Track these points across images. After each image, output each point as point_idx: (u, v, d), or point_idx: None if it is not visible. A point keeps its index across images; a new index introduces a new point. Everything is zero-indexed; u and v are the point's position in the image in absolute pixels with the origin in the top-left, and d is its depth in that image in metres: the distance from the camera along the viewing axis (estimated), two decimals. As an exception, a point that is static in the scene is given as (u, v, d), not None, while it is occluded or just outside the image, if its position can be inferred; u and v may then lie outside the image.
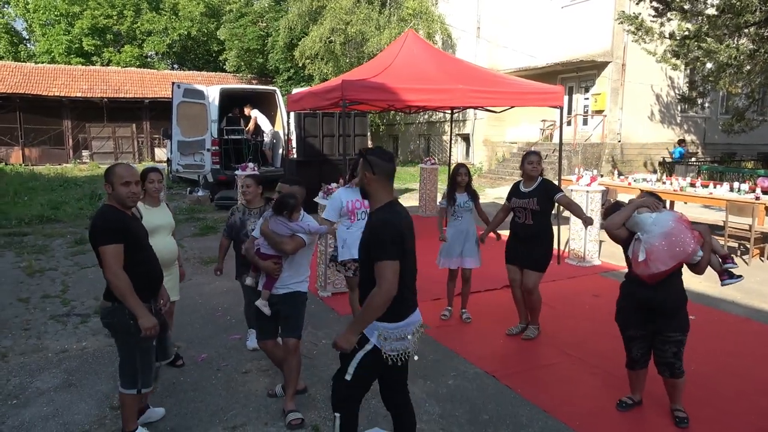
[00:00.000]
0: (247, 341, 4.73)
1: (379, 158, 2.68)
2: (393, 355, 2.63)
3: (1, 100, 23.50)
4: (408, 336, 2.67)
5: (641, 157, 17.86)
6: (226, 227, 4.49)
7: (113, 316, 3.01)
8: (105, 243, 2.89)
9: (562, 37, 18.11)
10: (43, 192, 14.40)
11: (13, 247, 8.51)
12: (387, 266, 2.51)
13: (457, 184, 5.27)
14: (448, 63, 8.48)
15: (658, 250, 3.28)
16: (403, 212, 2.71)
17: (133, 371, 3.09)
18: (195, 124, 12.83)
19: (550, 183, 4.88)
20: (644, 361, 3.63)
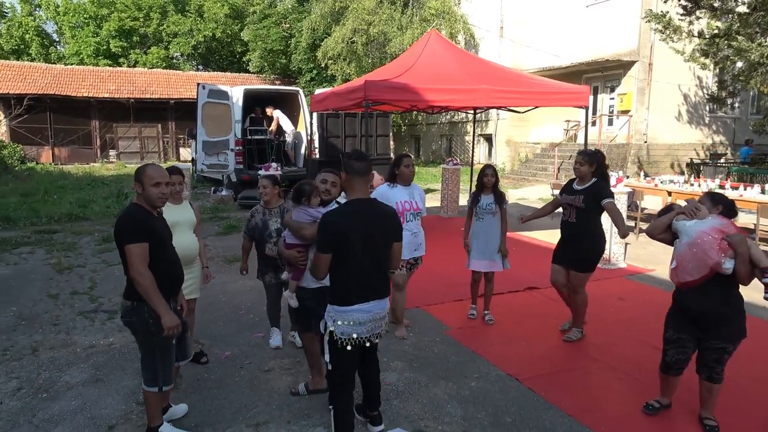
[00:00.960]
0: (270, 339, 4.75)
1: (351, 159, 3.02)
2: (344, 339, 2.95)
3: (33, 101, 24.03)
4: (359, 322, 2.95)
5: (668, 158, 17.53)
6: (247, 229, 4.53)
7: (133, 314, 3.05)
8: (131, 242, 2.92)
9: (586, 36, 17.88)
10: (72, 191, 14.71)
11: (44, 244, 8.72)
12: (318, 257, 2.93)
13: (483, 185, 5.20)
14: (472, 63, 8.44)
15: (684, 260, 3.27)
16: (371, 210, 3.01)
17: (153, 369, 3.13)
18: (219, 125, 12.97)
19: (603, 186, 4.69)
20: (677, 368, 3.53)
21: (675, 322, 3.49)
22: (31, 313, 5.59)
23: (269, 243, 4.40)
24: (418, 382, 4.08)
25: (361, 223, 2.92)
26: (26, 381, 4.10)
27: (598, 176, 4.71)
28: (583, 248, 4.70)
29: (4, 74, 24.96)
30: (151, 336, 3.05)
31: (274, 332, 4.74)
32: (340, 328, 2.94)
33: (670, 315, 3.55)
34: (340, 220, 2.93)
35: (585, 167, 4.67)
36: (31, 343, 4.82)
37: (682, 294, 3.38)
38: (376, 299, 3.00)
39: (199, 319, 5.35)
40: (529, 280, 6.58)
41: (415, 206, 4.73)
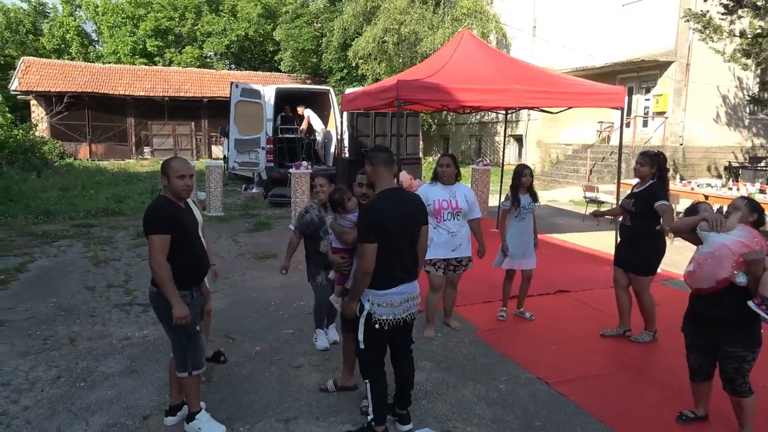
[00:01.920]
0: (315, 341, 4.66)
1: (374, 151, 3.24)
2: (382, 320, 3.11)
3: (72, 98, 24.80)
4: (395, 304, 3.13)
5: (705, 161, 17.07)
6: (299, 225, 4.46)
7: (158, 300, 3.17)
8: (153, 232, 3.06)
9: (622, 36, 17.54)
10: (108, 186, 15.12)
11: (81, 237, 8.98)
12: (364, 248, 3.05)
13: (521, 185, 5.20)
14: (505, 63, 8.37)
15: (700, 268, 3.24)
16: (395, 199, 3.15)
17: (182, 354, 3.24)
18: (251, 123, 13.15)
19: (658, 188, 4.61)
20: (703, 372, 3.45)
21: (689, 327, 3.47)
22: (69, 304, 5.77)
23: (324, 239, 4.36)
24: (446, 383, 4.07)
25: (395, 211, 3.11)
26: (65, 370, 4.23)
27: (656, 178, 4.67)
28: (641, 252, 4.67)
29: (46, 73, 25.79)
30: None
31: (319, 334, 4.67)
32: (377, 310, 3.11)
33: (685, 319, 3.51)
34: (379, 210, 3.09)
35: (645, 168, 4.66)
36: (69, 333, 4.97)
37: (697, 299, 3.35)
38: (408, 281, 3.20)
39: (230, 315, 5.46)
40: (560, 283, 6.49)
41: (454, 205, 4.71)
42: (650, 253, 4.68)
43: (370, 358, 3.25)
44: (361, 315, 3.16)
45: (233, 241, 8.91)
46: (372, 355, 3.24)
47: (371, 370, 3.25)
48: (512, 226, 5.25)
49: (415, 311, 3.27)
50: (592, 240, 8.88)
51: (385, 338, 3.22)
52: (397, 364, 3.40)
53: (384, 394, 3.29)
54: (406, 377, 3.40)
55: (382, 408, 3.28)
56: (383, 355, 3.31)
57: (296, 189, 9.97)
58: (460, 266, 4.91)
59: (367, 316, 3.13)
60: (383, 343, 3.25)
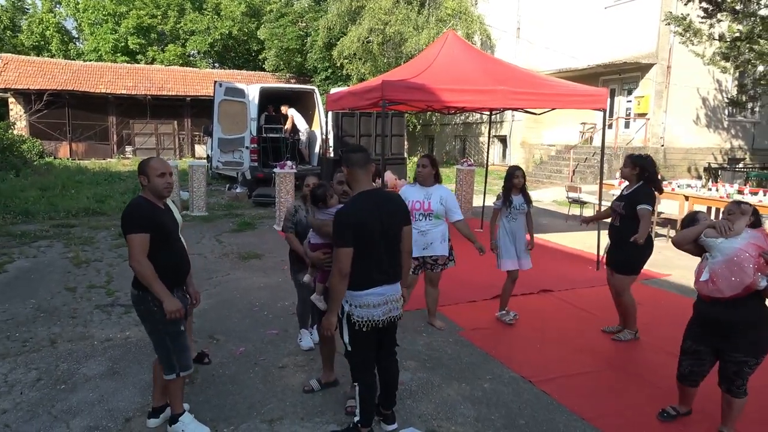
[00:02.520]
0: (300, 341, 4.67)
1: (349, 152, 3.22)
2: (361, 321, 3.10)
3: (52, 96, 24.35)
4: (373, 305, 3.10)
5: (685, 162, 17.33)
6: (291, 224, 4.35)
7: (140, 303, 3.14)
8: (132, 231, 3.03)
9: (604, 39, 17.74)
10: (89, 185, 14.89)
11: (62, 237, 8.83)
12: (338, 252, 3.02)
13: (513, 186, 5.24)
14: (489, 64, 8.41)
15: (719, 278, 3.18)
16: (371, 200, 3.11)
17: (167, 356, 3.20)
18: (235, 122, 13.06)
19: (644, 191, 4.75)
20: (692, 379, 3.47)
21: (695, 333, 3.44)
22: (49, 305, 5.68)
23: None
24: (431, 382, 4.09)
25: (374, 213, 3.07)
26: (45, 372, 4.16)
27: (643, 180, 4.79)
28: (626, 252, 4.76)
29: (25, 70, 25.31)
30: (158, 323, 3.12)
31: (303, 334, 4.67)
32: (356, 311, 3.10)
33: (691, 325, 3.48)
34: (355, 213, 3.06)
35: (626, 170, 4.86)
36: (49, 335, 4.89)
37: (708, 306, 3.29)
38: (388, 283, 3.16)
39: (214, 315, 5.42)
40: (543, 283, 6.54)
41: (426, 207, 4.78)
42: (634, 253, 4.76)
43: (357, 361, 3.24)
44: (343, 316, 3.16)
45: (217, 241, 8.84)
46: (359, 357, 3.22)
47: (360, 372, 3.24)
48: (503, 227, 5.29)
49: (397, 314, 3.24)
50: (575, 240, 8.97)
51: (369, 339, 3.19)
52: (381, 366, 3.37)
53: (373, 396, 3.30)
54: (390, 377, 3.40)
55: (370, 410, 3.29)
56: (372, 357, 3.28)
57: (280, 189, 9.93)
58: (436, 265, 4.95)
59: (347, 317, 3.14)
60: (369, 344, 3.22)
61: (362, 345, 3.20)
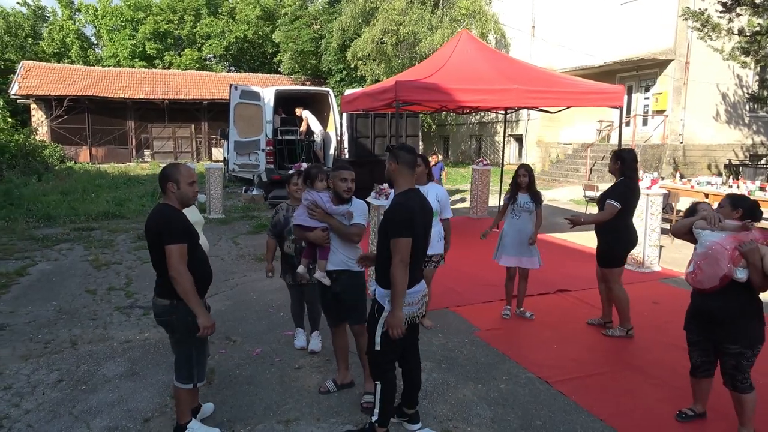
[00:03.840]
0: (295, 340, 4.74)
1: (402, 150, 3.22)
2: (405, 319, 3.07)
3: (72, 102, 24.82)
4: (414, 302, 3.15)
5: (705, 159, 17.06)
6: (271, 226, 4.55)
7: (172, 313, 3.09)
8: (172, 242, 2.97)
9: (621, 35, 17.54)
10: (109, 189, 15.13)
11: (82, 241, 8.99)
12: (400, 242, 3.00)
13: (517, 184, 5.29)
14: (503, 63, 8.38)
15: (698, 268, 3.29)
16: (418, 199, 3.18)
17: (189, 367, 3.19)
18: (251, 125, 13.15)
19: (617, 187, 4.84)
20: (705, 369, 3.47)
21: (692, 324, 3.50)
22: (70, 307, 5.78)
23: (288, 240, 4.43)
24: (446, 383, 4.08)
25: (420, 211, 3.14)
26: (66, 373, 4.24)
27: (623, 176, 4.86)
28: (603, 244, 4.90)
29: (46, 76, 25.81)
30: (190, 334, 3.10)
31: (298, 333, 4.75)
32: (404, 309, 3.07)
33: (688, 317, 3.53)
34: (410, 207, 3.10)
35: (610, 164, 4.98)
36: (70, 336, 4.98)
37: (700, 297, 3.38)
38: (421, 279, 3.25)
39: (231, 317, 5.47)
40: (560, 282, 6.49)
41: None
42: (610, 244, 4.86)
43: (384, 360, 3.21)
44: (380, 317, 3.12)
45: (234, 243, 8.92)
46: (388, 357, 3.21)
47: (384, 372, 3.21)
48: (506, 223, 5.39)
49: (425, 309, 3.29)
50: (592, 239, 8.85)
51: (401, 339, 3.17)
52: (405, 364, 3.38)
53: (394, 396, 3.30)
54: (415, 377, 3.41)
55: (390, 410, 3.30)
56: (396, 357, 3.29)
57: (296, 190, 9.98)
58: (430, 262, 4.92)
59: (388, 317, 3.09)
60: (398, 343, 3.20)
61: (395, 345, 3.17)
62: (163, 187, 3.13)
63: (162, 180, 3.13)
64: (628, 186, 4.86)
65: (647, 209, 7.22)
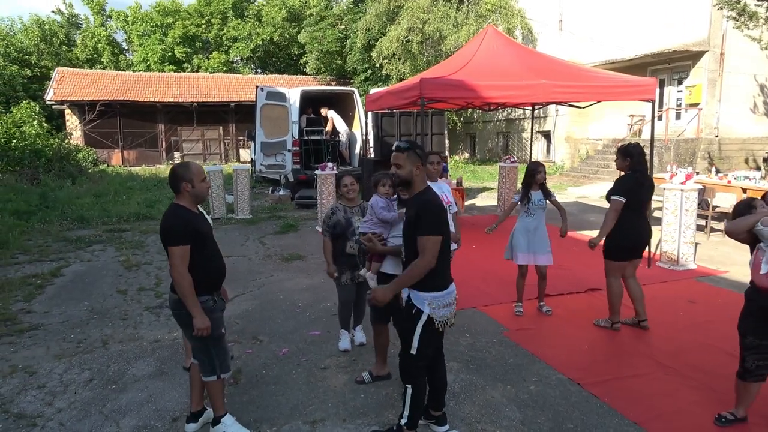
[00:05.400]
0: (339, 342, 4.67)
1: (421, 150, 3.14)
2: (442, 321, 3.05)
3: (104, 106, 25.42)
4: (450, 303, 3.08)
5: (742, 153, 16.50)
6: (328, 227, 4.43)
7: (182, 306, 3.14)
8: (174, 243, 3.04)
9: (652, 27, 17.09)
10: (140, 191, 15.43)
11: (114, 242, 9.17)
12: (430, 240, 2.91)
13: (534, 182, 5.26)
14: (530, 57, 8.23)
15: None
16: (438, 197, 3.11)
17: (209, 359, 3.23)
18: (277, 126, 13.26)
19: (621, 180, 4.83)
20: (759, 374, 3.31)
21: (757, 327, 3.27)
22: (102, 307, 5.89)
23: (351, 240, 4.37)
24: (474, 384, 4.00)
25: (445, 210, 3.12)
26: (97, 372, 4.30)
27: (631, 171, 4.81)
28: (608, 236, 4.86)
29: (79, 82, 26.50)
30: None
31: (343, 335, 4.67)
32: (439, 312, 3.02)
33: (750, 320, 3.31)
34: (441, 204, 3.05)
35: (618, 162, 4.91)
36: (102, 336, 5.07)
37: (762, 296, 3.18)
38: (452, 280, 3.16)
39: (258, 317, 5.49)
40: (591, 281, 6.33)
41: (445, 200, 4.64)
42: (612, 236, 4.81)
43: (419, 364, 3.13)
44: (418, 321, 3.01)
45: (261, 243, 8.98)
46: (423, 361, 3.13)
47: (417, 376, 3.15)
48: (520, 221, 5.32)
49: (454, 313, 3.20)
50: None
51: (439, 339, 3.19)
52: (433, 366, 3.31)
53: (423, 401, 3.25)
54: (440, 378, 3.35)
55: (419, 414, 3.23)
56: (429, 363, 3.23)
57: (322, 190, 10.00)
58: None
59: (427, 321, 3.01)
60: (434, 346, 3.19)
61: (431, 346, 3.14)
62: (177, 187, 3.16)
63: (175, 180, 3.16)
64: (637, 180, 4.78)
65: (681, 205, 7.00)
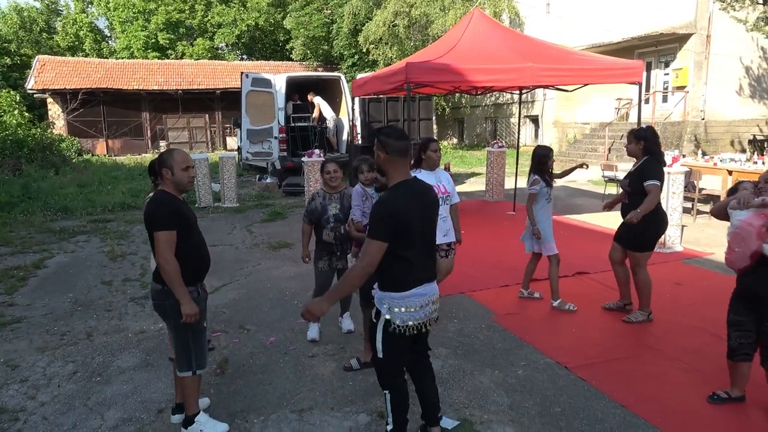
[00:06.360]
0: (308, 332, 4.63)
1: (389, 137, 2.78)
2: (402, 327, 2.75)
3: (87, 95, 24.99)
4: (415, 308, 2.77)
5: (728, 136, 16.59)
6: (307, 212, 4.46)
7: (165, 297, 3.08)
8: (160, 228, 2.98)
9: (639, 10, 17.05)
10: (125, 181, 15.23)
11: (99, 232, 9.05)
12: (371, 244, 2.66)
13: (549, 167, 5.05)
14: (517, 40, 8.16)
15: (731, 249, 3.24)
16: (416, 190, 2.80)
17: (187, 353, 3.17)
18: (263, 113, 13.10)
19: (648, 166, 4.60)
20: (743, 352, 3.34)
21: (734, 304, 3.41)
22: (86, 299, 5.81)
23: (326, 228, 4.37)
24: (462, 370, 4.00)
25: (416, 206, 2.75)
26: (81, 365, 4.24)
27: (648, 154, 4.63)
28: (635, 228, 4.58)
29: (61, 70, 26.00)
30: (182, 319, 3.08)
31: (312, 324, 4.64)
32: (398, 315, 2.75)
33: (732, 298, 3.44)
34: (395, 205, 2.70)
35: (631, 146, 4.73)
36: (86, 328, 5.00)
37: (742, 278, 3.32)
38: (428, 281, 2.84)
39: (245, 306, 5.44)
40: (579, 265, 6.35)
41: (443, 190, 4.57)
42: (643, 229, 4.60)
43: (388, 368, 2.91)
44: (378, 322, 2.83)
45: (248, 232, 8.91)
46: (390, 365, 2.91)
47: (390, 379, 2.93)
48: (544, 210, 5.06)
49: (436, 316, 2.91)
50: (611, 220, 8.66)
51: (405, 345, 2.89)
52: (416, 375, 3.10)
53: (405, 402, 3.00)
54: (426, 388, 3.10)
55: (402, 420, 3.01)
56: (404, 365, 3.01)
57: (309, 177, 9.92)
58: (450, 250, 4.75)
59: (385, 324, 2.79)
60: (404, 350, 2.92)
61: (397, 353, 2.88)
62: (159, 173, 3.12)
63: (157, 166, 3.13)
64: (660, 161, 4.69)
65: (668, 188, 7.01)
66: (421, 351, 3.07)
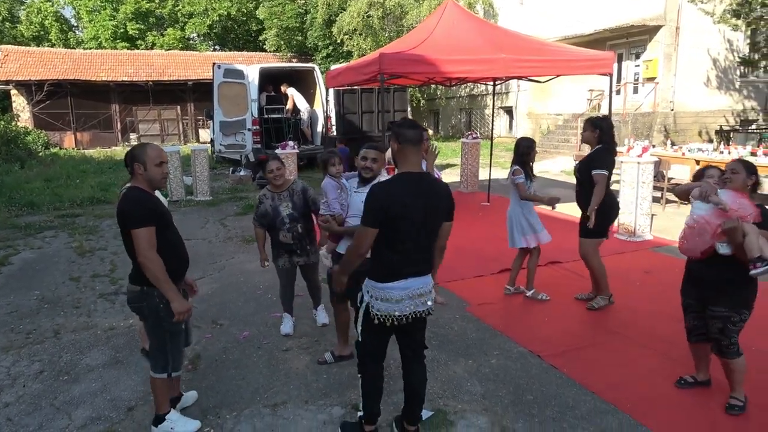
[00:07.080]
0: (281, 326, 4.60)
1: (403, 127, 2.81)
2: (380, 315, 2.78)
3: (53, 86, 24.27)
4: (395, 299, 2.76)
5: (696, 126, 16.96)
6: (257, 216, 4.39)
7: (142, 299, 2.97)
8: (138, 225, 2.83)
9: (610, 2, 17.27)
10: (94, 174, 14.87)
11: (66, 227, 8.82)
12: (361, 230, 2.75)
13: (531, 159, 5.04)
14: (490, 31, 8.18)
15: (687, 239, 3.28)
16: (420, 184, 2.76)
17: (164, 354, 3.08)
18: (236, 104, 12.91)
19: (599, 155, 4.67)
20: (698, 333, 3.43)
21: (684, 287, 3.50)
22: (53, 296, 5.66)
23: (282, 230, 4.28)
24: (437, 360, 4.01)
25: (417, 200, 2.70)
26: (48, 364, 4.14)
27: (601, 143, 4.69)
28: (583, 216, 4.74)
29: (25, 61, 25.21)
30: (161, 321, 2.99)
31: (286, 318, 4.61)
32: (377, 304, 2.77)
33: (682, 282, 3.53)
34: (389, 192, 2.70)
35: (586, 133, 4.77)
36: (53, 326, 4.87)
37: (692, 262, 3.38)
38: (415, 276, 2.79)
39: (218, 300, 5.37)
40: (551, 255, 6.41)
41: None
42: (604, 214, 4.70)
43: (366, 353, 2.96)
44: (361, 306, 2.88)
45: (221, 225, 8.79)
46: (368, 350, 2.95)
47: (366, 366, 2.96)
48: (527, 202, 5.07)
49: (425, 309, 2.83)
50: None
51: (384, 335, 2.91)
52: (407, 368, 3.05)
53: (376, 394, 3.03)
54: (417, 385, 3.03)
55: (374, 406, 3.04)
56: (382, 353, 3.00)
57: (283, 170, 9.81)
58: None
59: (365, 309, 2.84)
60: (382, 340, 2.94)
61: (375, 339, 2.91)
62: (130, 168, 2.96)
63: (129, 161, 2.97)
64: (610, 152, 4.75)
65: (638, 177, 7.13)
66: (414, 348, 3.02)
